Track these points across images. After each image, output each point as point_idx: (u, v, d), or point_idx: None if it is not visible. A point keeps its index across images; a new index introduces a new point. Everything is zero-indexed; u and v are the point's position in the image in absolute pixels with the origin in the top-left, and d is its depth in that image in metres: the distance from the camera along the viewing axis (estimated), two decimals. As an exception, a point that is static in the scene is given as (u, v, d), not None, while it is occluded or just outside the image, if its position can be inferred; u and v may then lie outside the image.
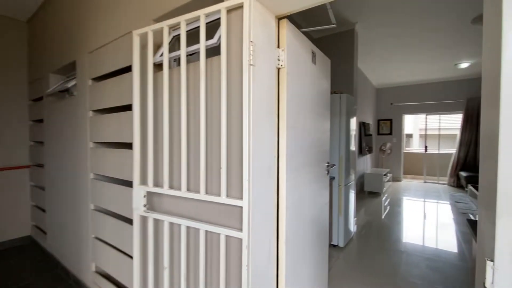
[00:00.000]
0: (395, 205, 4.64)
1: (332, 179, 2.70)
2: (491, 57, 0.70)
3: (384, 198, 5.16)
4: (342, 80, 3.24)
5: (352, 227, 3.06)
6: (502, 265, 0.59)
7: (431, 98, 6.66)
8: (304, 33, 1.48)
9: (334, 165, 1.90)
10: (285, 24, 1.22)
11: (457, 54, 4.57)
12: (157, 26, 1.22)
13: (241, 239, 1.01)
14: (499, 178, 0.59)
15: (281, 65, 1.21)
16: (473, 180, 5.37)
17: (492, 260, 0.61)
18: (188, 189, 1.18)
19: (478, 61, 4.92)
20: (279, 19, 1.22)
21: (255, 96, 1.02)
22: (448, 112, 6.59)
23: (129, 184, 1.55)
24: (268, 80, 1.14)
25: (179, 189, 1.17)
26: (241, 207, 1.01)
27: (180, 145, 1.16)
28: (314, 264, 1.66)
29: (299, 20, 3.07)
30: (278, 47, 1.23)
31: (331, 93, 2.70)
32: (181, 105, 1.15)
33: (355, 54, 3.31)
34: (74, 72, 2.27)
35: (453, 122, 7.41)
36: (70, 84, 2.25)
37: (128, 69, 1.57)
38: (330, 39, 3.42)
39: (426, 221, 3.78)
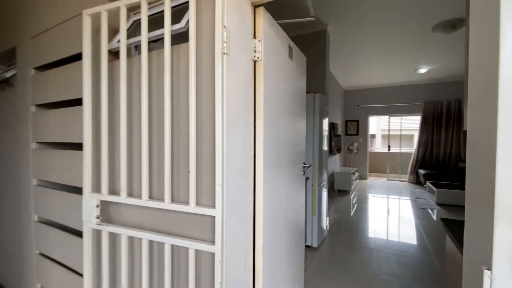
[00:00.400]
0: (363, 202, 4.83)
1: (306, 179, 2.67)
2: (481, 56, 0.66)
3: (352, 196, 5.35)
4: (315, 80, 3.24)
5: (325, 227, 3.07)
6: (501, 274, 0.55)
7: (393, 100, 7.09)
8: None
9: (310, 165, 1.85)
10: (262, 12, 1.11)
11: (417, 60, 4.89)
12: (112, 5, 1.03)
13: (213, 254, 0.88)
14: (497, 182, 0.55)
15: (258, 57, 1.11)
16: (430, 177, 5.82)
17: (489, 269, 0.56)
18: (151, 197, 1.02)
19: (435, 67, 5.32)
20: (255, 6, 1.11)
21: (229, 89, 0.90)
22: (408, 114, 7.06)
23: (80, 191, 1.32)
24: (243, 72, 1.03)
25: (140, 197, 1.00)
26: (214, 217, 0.88)
27: (141, 145, 1.00)
28: (291, 267, 1.59)
29: (273, 14, 3.01)
30: (254, 37, 1.12)
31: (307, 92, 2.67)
32: (141, 98, 0.99)
33: (327, 55, 3.34)
34: (14, 61, 1.93)
35: (412, 123, 7.97)
36: (9, 74, 1.92)
37: (78, 56, 1.34)
38: (303, 38, 3.40)
39: (392, 217, 3.97)
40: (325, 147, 3.02)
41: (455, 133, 6.34)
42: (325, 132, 3.01)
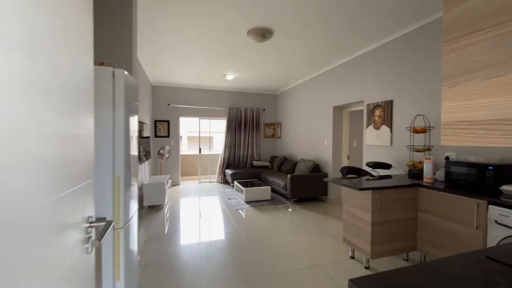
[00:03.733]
0: (180, 218, 4.13)
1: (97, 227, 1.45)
2: None
3: (166, 210, 4.50)
4: (114, 49, 2.03)
5: (137, 284, 1.98)
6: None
7: (204, 103, 7.10)
8: None
9: (105, 220, 0.76)
10: None
11: (227, 65, 4.97)
12: None
13: None
14: None
15: None
16: (236, 176, 6.32)
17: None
18: None
19: (239, 76, 5.76)
20: None
21: None
22: (216, 118, 7.37)
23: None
24: None
25: None
26: None
27: None
28: None
29: None
30: None
31: (96, 64, 1.46)
32: None
33: (134, 15, 2.24)
34: None
35: (220, 126, 8.52)
36: None
37: None
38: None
39: (213, 231, 3.59)
40: (135, 153, 1.94)
41: (250, 137, 7.44)
42: (134, 133, 1.93)
